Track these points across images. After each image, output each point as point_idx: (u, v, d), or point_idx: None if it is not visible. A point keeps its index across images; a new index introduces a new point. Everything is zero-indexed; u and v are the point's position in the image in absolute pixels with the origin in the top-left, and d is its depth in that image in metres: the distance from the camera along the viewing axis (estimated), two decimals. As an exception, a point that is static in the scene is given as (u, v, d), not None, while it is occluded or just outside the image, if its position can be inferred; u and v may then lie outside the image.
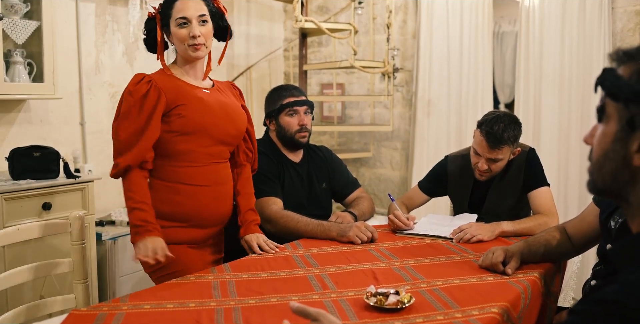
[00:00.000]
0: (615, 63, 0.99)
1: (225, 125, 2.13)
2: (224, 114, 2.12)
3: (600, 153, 0.99)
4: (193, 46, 2.06)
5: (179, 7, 2.05)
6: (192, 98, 2.06)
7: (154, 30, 2.12)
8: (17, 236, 1.96)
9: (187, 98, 2.04)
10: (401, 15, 4.79)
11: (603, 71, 1.00)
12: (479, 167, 2.46)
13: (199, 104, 2.06)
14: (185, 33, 2.04)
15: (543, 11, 3.96)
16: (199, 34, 2.04)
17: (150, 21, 2.14)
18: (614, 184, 0.98)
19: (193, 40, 2.04)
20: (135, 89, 2.00)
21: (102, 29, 3.98)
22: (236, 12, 5.09)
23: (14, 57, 3.24)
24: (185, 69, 2.14)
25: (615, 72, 0.97)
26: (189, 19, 2.04)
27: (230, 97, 2.25)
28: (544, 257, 1.96)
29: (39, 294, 2.83)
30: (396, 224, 2.41)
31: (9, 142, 3.41)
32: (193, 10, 2.05)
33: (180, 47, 2.08)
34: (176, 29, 2.05)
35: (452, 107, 4.48)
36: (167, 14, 2.07)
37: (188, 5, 2.05)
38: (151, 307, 1.53)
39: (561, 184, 3.90)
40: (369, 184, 5.05)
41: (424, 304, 1.56)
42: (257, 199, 2.42)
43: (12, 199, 2.86)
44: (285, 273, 1.84)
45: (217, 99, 2.14)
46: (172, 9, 2.06)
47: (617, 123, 0.95)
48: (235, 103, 2.25)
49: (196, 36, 2.04)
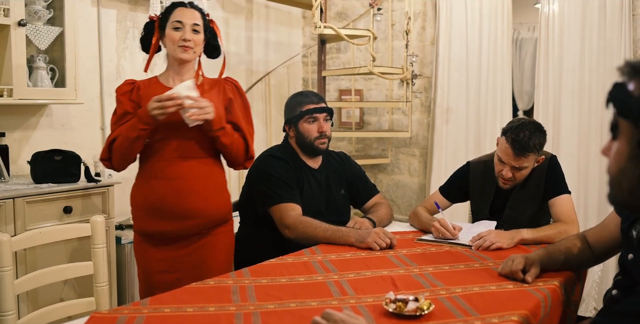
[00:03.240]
0: (626, 77, 0.98)
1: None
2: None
3: (617, 170, 0.99)
4: (182, 47, 2.30)
5: (177, 13, 2.33)
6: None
7: (152, 32, 2.40)
8: (39, 239, 1.98)
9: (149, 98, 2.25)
10: (420, 22, 4.79)
11: (613, 86, 0.99)
12: (503, 175, 2.44)
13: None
14: (178, 35, 2.30)
15: (563, 18, 3.94)
16: (189, 38, 2.31)
17: (149, 24, 2.42)
18: (633, 200, 0.99)
19: (183, 42, 2.30)
20: (118, 88, 2.41)
21: (123, 35, 4.02)
22: (255, 18, 5.12)
23: (36, 62, 3.29)
24: (172, 74, 2.40)
25: (625, 88, 0.97)
26: (183, 23, 2.31)
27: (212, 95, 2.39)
28: (564, 265, 1.94)
29: (59, 297, 2.86)
30: (442, 233, 2.38)
31: (31, 146, 3.46)
32: (189, 18, 2.32)
33: (171, 47, 2.33)
34: (170, 31, 2.31)
35: (470, 114, 4.46)
36: (166, 18, 2.34)
37: (185, 13, 2.34)
38: (171, 311, 1.54)
39: (581, 192, 3.87)
40: (387, 191, 5.04)
41: (443, 311, 1.55)
42: (275, 205, 2.43)
43: (34, 202, 2.89)
44: (304, 279, 1.84)
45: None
46: (171, 14, 2.33)
47: (630, 141, 0.95)
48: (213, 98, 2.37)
49: (187, 40, 2.30)
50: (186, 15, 2.33)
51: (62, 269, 2.01)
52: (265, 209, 2.46)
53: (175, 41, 2.30)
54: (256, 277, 1.84)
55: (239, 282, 1.79)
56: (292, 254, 2.15)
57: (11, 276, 1.79)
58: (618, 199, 1.03)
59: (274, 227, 2.43)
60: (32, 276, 1.93)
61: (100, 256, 2.06)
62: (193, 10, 2.37)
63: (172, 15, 2.33)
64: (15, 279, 1.83)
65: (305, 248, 2.23)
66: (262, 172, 2.53)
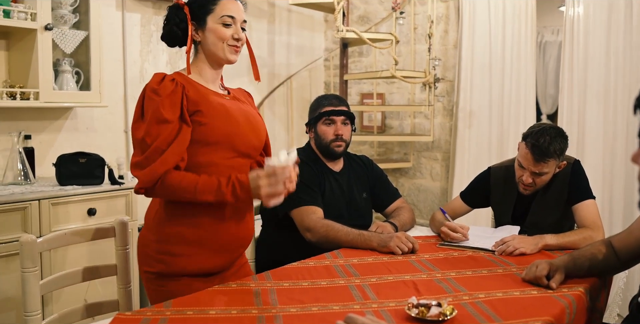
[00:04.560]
0: None
1: (249, 135, 1.95)
2: (247, 124, 1.95)
3: None
4: (233, 47, 1.93)
5: (226, 5, 1.91)
6: (215, 104, 1.88)
7: (183, 22, 1.92)
8: (64, 240, 2.00)
9: (208, 104, 1.86)
10: (442, 25, 4.77)
11: None
12: (524, 180, 2.42)
13: (222, 112, 1.88)
14: (229, 32, 1.91)
15: (588, 20, 3.90)
16: (242, 38, 1.95)
17: (177, 11, 1.93)
18: None
19: (235, 42, 1.93)
20: (161, 87, 1.81)
21: (146, 39, 4.06)
22: (277, 22, 5.14)
23: (62, 66, 3.33)
24: (205, 73, 1.97)
25: None
26: (235, 19, 1.92)
27: (248, 105, 2.08)
28: (589, 271, 1.91)
29: (83, 298, 2.89)
30: (451, 236, 2.38)
31: (56, 149, 3.50)
32: (241, 13, 1.94)
33: (217, 46, 1.91)
34: (219, 26, 1.90)
35: (493, 118, 4.43)
36: (207, 8, 1.91)
37: (236, 6, 1.94)
38: (194, 313, 1.55)
39: (606, 197, 3.82)
40: (408, 195, 5.02)
41: (466, 316, 1.54)
42: (297, 208, 2.43)
43: (59, 204, 2.93)
44: (326, 282, 1.84)
45: (238, 107, 1.97)
46: (216, 5, 1.90)
47: None
48: (255, 111, 2.09)
49: (240, 38, 1.94)
50: (238, 10, 1.94)
51: (86, 270, 2.03)
52: (287, 212, 2.46)
53: (225, 39, 1.90)
54: (278, 280, 1.85)
55: (261, 285, 1.80)
56: (313, 257, 2.15)
57: (37, 276, 1.82)
58: None
59: (295, 230, 2.43)
60: (57, 277, 1.95)
61: (123, 257, 2.08)
62: (239, 3, 1.97)
63: (219, 6, 1.90)
64: (40, 280, 1.85)
65: (327, 252, 2.23)
66: (283, 175, 2.53)
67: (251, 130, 1.96)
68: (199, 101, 1.85)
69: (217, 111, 1.87)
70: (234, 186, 1.79)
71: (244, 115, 1.96)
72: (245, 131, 1.93)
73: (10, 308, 2.75)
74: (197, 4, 1.92)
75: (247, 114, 1.98)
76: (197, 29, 1.92)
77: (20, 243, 1.80)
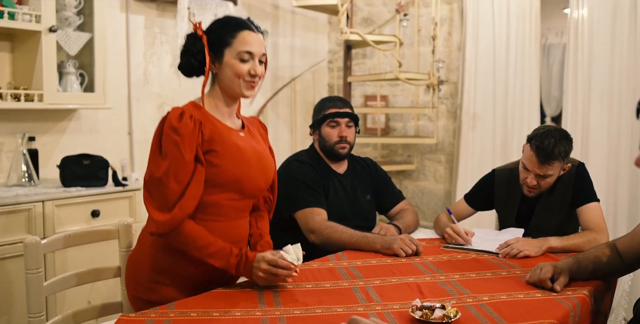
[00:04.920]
0: None
1: (259, 179, 1.92)
2: (258, 166, 1.91)
3: None
4: (250, 83, 1.86)
5: (245, 39, 1.84)
6: (229, 145, 1.83)
7: (200, 54, 1.85)
8: (68, 242, 2.00)
9: (223, 144, 1.82)
10: (446, 28, 4.77)
11: None
12: (528, 183, 2.41)
13: (235, 153, 1.84)
14: (246, 68, 1.83)
15: (592, 23, 3.89)
16: (260, 73, 1.87)
17: (194, 41, 1.87)
18: None
19: (252, 78, 1.85)
20: (181, 125, 1.74)
21: (150, 41, 4.07)
22: (281, 24, 5.14)
23: (66, 68, 3.34)
24: (220, 106, 1.90)
25: None
26: (254, 54, 1.84)
27: (260, 142, 2.02)
28: (593, 274, 1.91)
29: (86, 300, 2.89)
30: (455, 238, 2.38)
31: (60, 150, 3.51)
32: (259, 47, 1.86)
33: (234, 81, 1.84)
34: (236, 61, 1.83)
35: (497, 120, 4.43)
36: (225, 41, 1.84)
37: (255, 40, 1.86)
38: (197, 314, 1.55)
39: (610, 200, 3.81)
40: (412, 197, 5.02)
41: (470, 319, 1.53)
42: (301, 210, 2.43)
43: (63, 206, 2.93)
44: (329, 284, 1.83)
45: (252, 146, 1.92)
46: (235, 38, 1.83)
47: None
48: (266, 149, 2.03)
49: (258, 75, 1.86)
50: (257, 44, 1.86)
51: (90, 272, 2.03)
52: (291, 213, 2.46)
53: (242, 75, 1.83)
54: (281, 282, 1.84)
55: (265, 287, 1.79)
56: (317, 259, 2.14)
57: (40, 278, 1.82)
58: None
59: (299, 232, 2.43)
60: (60, 278, 1.95)
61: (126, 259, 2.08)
62: (260, 35, 1.89)
63: (238, 40, 1.83)
64: (44, 281, 1.85)
65: (331, 254, 2.23)
66: (287, 176, 2.53)
67: (261, 172, 1.93)
68: (215, 140, 1.81)
69: (231, 153, 1.83)
70: (240, 260, 1.77)
71: (256, 156, 1.92)
72: (255, 174, 1.90)
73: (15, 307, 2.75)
74: (216, 35, 1.85)
75: (259, 155, 1.94)
76: (214, 61, 1.86)
77: (25, 245, 1.80)
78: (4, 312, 2.74)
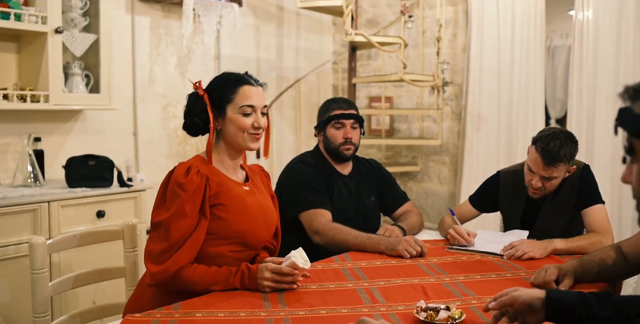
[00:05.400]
0: (629, 101, 1.01)
1: (262, 231, 1.96)
2: (262, 219, 1.96)
3: None
4: (254, 135, 1.90)
5: (246, 94, 1.88)
6: (235, 198, 1.88)
7: (204, 112, 1.89)
8: (73, 242, 2.01)
9: (229, 197, 1.86)
10: (451, 29, 4.77)
11: (620, 112, 1.02)
12: (533, 185, 2.41)
13: (241, 207, 1.88)
14: (250, 122, 1.88)
15: (597, 25, 3.89)
16: (264, 125, 1.91)
17: (197, 101, 1.91)
18: None
19: (257, 130, 1.90)
20: (187, 181, 1.78)
21: (156, 42, 4.08)
22: (286, 25, 5.15)
23: (72, 69, 3.36)
24: (225, 160, 1.94)
25: (632, 111, 0.99)
26: (255, 107, 1.89)
27: (264, 193, 2.06)
28: (598, 276, 1.90)
29: (91, 300, 2.90)
30: (457, 239, 2.38)
31: (65, 151, 3.52)
32: (260, 99, 1.91)
33: (238, 135, 1.89)
34: (239, 116, 1.87)
35: (502, 122, 4.42)
36: (227, 97, 1.88)
37: (256, 93, 1.90)
38: (202, 315, 1.55)
39: (615, 202, 3.80)
40: (417, 198, 5.02)
41: (475, 320, 1.53)
42: (305, 211, 2.43)
43: (68, 206, 2.94)
44: (334, 285, 1.84)
45: (256, 199, 1.97)
46: (236, 94, 1.88)
47: None
48: (269, 201, 2.08)
49: (261, 127, 1.90)
50: (258, 97, 1.90)
51: (95, 272, 2.04)
52: (295, 215, 2.47)
53: (246, 129, 1.87)
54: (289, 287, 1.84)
55: (270, 288, 1.80)
56: (322, 261, 2.14)
57: (46, 278, 1.83)
58: None
59: (304, 233, 2.43)
60: (66, 278, 1.96)
61: (131, 259, 2.09)
62: (259, 88, 1.94)
63: (239, 95, 1.88)
64: (49, 281, 1.86)
65: (335, 255, 2.23)
66: (292, 177, 2.53)
67: (264, 225, 1.98)
68: (221, 194, 1.85)
69: (237, 207, 1.87)
70: (243, 276, 1.79)
71: (261, 209, 1.96)
72: (259, 227, 1.95)
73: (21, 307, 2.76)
74: (216, 92, 1.90)
75: (263, 208, 1.98)
76: (217, 117, 1.90)
77: (30, 245, 1.81)
78: (9, 312, 2.75)
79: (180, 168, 1.82)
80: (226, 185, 1.88)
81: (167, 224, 1.75)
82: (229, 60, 4.52)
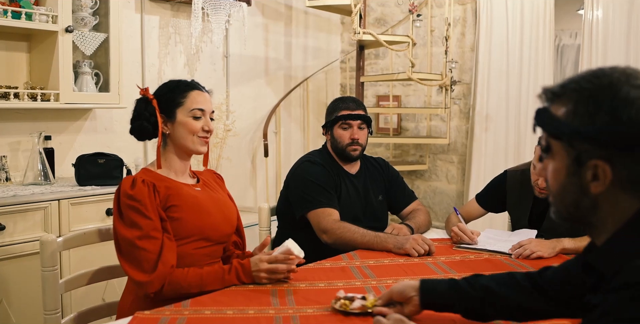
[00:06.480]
0: (547, 103, 1.05)
1: (221, 225, 2.00)
2: (219, 213, 1.99)
3: (558, 187, 1.06)
4: (204, 138, 1.97)
5: (196, 98, 1.95)
6: (187, 197, 1.91)
7: (153, 117, 1.93)
8: (83, 240, 2.03)
9: (180, 197, 1.90)
10: (459, 28, 4.76)
11: (537, 113, 1.06)
12: (539, 184, 2.41)
13: (193, 205, 1.91)
14: (200, 125, 1.94)
15: (607, 24, 3.88)
16: (212, 129, 1.99)
17: (146, 105, 1.95)
18: (578, 212, 1.06)
19: (205, 133, 1.96)
20: (136, 191, 1.82)
21: (165, 41, 4.10)
22: (294, 24, 5.16)
23: (82, 67, 3.38)
24: (174, 164, 1.98)
25: (550, 112, 1.04)
26: (205, 112, 1.96)
27: (218, 191, 2.11)
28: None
29: (101, 297, 2.92)
30: (460, 236, 2.38)
31: (75, 149, 3.54)
32: (209, 104, 1.99)
33: (187, 138, 1.94)
34: (189, 119, 1.93)
35: (510, 121, 4.42)
36: (177, 102, 1.94)
37: (204, 98, 1.98)
38: (211, 312, 1.56)
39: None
40: (424, 197, 5.02)
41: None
42: (313, 210, 2.44)
43: (78, 204, 2.96)
44: (342, 283, 1.84)
45: (210, 196, 2.01)
46: (187, 98, 1.94)
47: (565, 159, 1.02)
48: (226, 197, 2.13)
49: (210, 130, 1.97)
50: (207, 102, 1.98)
51: (105, 269, 2.05)
52: (303, 214, 2.48)
53: (196, 132, 1.94)
54: (294, 281, 1.85)
55: (278, 286, 1.81)
56: (329, 259, 2.15)
57: (56, 276, 1.84)
58: (564, 215, 1.10)
59: (311, 231, 2.44)
60: (76, 276, 1.97)
61: (142, 257, 2.10)
62: (207, 94, 2.02)
63: (190, 99, 1.94)
64: (60, 279, 1.87)
65: (343, 253, 2.24)
66: (299, 177, 2.54)
67: (223, 219, 2.01)
68: (172, 195, 1.88)
69: (189, 205, 1.90)
70: (237, 271, 1.82)
71: (216, 204, 2.00)
72: (218, 221, 1.98)
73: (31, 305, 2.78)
74: (166, 97, 1.95)
75: (218, 202, 2.02)
76: (166, 122, 1.95)
77: (41, 242, 1.83)
78: (20, 309, 2.77)
79: (125, 182, 1.86)
80: (175, 187, 1.91)
81: (140, 236, 1.78)
82: (238, 59, 4.54)
